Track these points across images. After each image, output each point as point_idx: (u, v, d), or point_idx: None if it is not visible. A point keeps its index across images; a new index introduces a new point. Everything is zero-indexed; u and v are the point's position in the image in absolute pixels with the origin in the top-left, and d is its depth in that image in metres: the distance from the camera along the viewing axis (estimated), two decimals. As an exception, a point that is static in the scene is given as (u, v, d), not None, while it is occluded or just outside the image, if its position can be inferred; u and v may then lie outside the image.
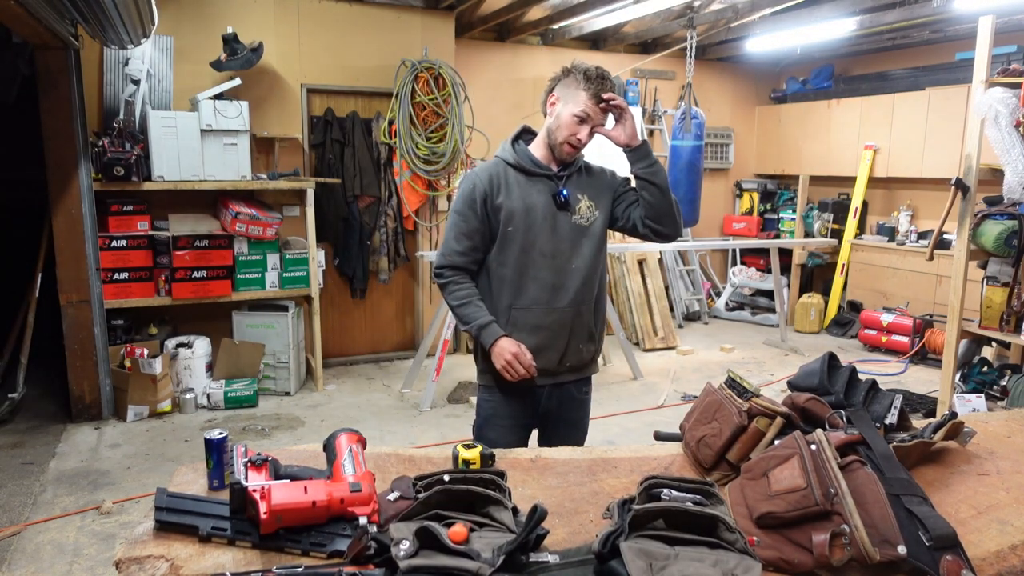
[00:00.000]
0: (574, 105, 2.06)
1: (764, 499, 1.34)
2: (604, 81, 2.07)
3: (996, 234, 3.85)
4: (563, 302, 2.10)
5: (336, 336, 5.83)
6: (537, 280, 2.09)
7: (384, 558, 1.20)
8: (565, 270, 2.10)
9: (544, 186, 2.11)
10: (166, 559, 1.24)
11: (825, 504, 1.26)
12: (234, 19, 4.95)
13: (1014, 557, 1.32)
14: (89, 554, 2.99)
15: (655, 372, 5.74)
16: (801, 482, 1.31)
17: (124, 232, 4.55)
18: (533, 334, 2.10)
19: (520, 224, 2.08)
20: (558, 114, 2.09)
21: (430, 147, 5.55)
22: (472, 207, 2.10)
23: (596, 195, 2.16)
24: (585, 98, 2.05)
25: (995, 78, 3.75)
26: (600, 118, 2.08)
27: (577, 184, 2.15)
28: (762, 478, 1.39)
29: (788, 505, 1.30)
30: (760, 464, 1.43)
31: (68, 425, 4.42)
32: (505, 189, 2.09)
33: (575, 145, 2.08)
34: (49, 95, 4.18)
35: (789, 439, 1.44)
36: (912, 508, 1.32)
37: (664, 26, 6.50)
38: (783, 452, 1.41)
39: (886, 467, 1.42)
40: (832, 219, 7.24)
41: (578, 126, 2.06)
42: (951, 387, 4.10)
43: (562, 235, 2.10)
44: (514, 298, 2.11)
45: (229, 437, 1.52)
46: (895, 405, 1.74)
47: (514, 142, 2.18)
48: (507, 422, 2.21)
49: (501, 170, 2.13)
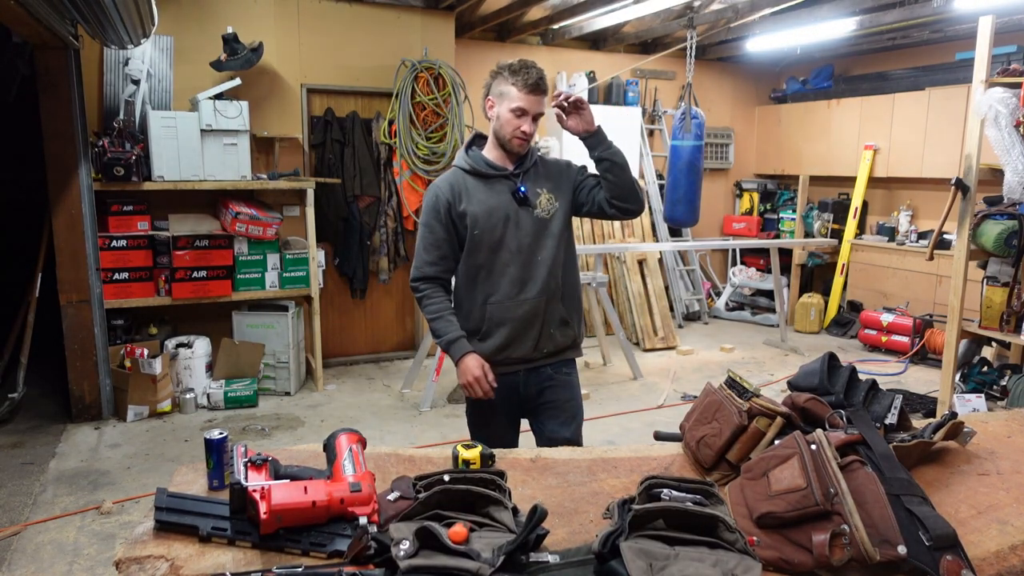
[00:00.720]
0: (509, 101, 2.12)
1: (764, 499, 1.34)
2: (529, 70, 2.12)
3: (996, 234, 3.85)
4: (532, 293, 2.19)
5: (336, 336, 5.83)
6: (506, 275, 2.19)
7: (384, 558, 1.20)
8: (531, 262, 2.19)
9: (503, 186, 2.19)
10: (166, 559, 1.24)
11: (825, 504, 1.26)
12: (234, 19, 4.95)
13: (1014, 557, 1.32)
14: (89, 554, 2.99)
15: (655, 372, 5.74)
16: (801, 482, 1.31)
17: (124, 232, 4.55)
18: (507, 325, 2.20)
19: (485, 226, 2.16)
20: (498, 114, 2.16)
21: (430, 147, 5.56)
22: (437, 218, 2.20)
23: (555, 187, 2.24)
24: (516, 92, 2.11)
25: (995, 78, 3.75)
26: (537, 106, 2.14)
27: (535, 179, 2.22)
28: (762, 478, 1.39)
29: (788, 505, 1.30)
30: (760, 464, 1.43)
31: (68, 425, 4.42)
32: (466, 195, 2.18)
33: (523, 137, 2.15)
34: (49, 95, 4.18)
35: (789, 439, 1.44)
36: (912, 508, 1.32)
37: (664, 26, 6.50)
38: (783, 452, 1.41)
39: (886, 467, 1.42)
40: (832, 219, 7.24)
41: (519, 119, 2.13)
42: (951, 387, 4.10)
43: (525, 230, 2.18)
44: (487, 294, 2.21)
45: (229, 437, 1.52)
46: (895, 405, 1.74)
47: (467, 149, 2.26)
48: (492, 413, 2.28)
49: (460, 178, 2.21)
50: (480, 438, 2.26)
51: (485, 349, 2.22)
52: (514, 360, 2.24)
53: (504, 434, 2.30)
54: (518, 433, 2.36)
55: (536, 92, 2.12)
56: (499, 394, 2.23)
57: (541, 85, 2.13)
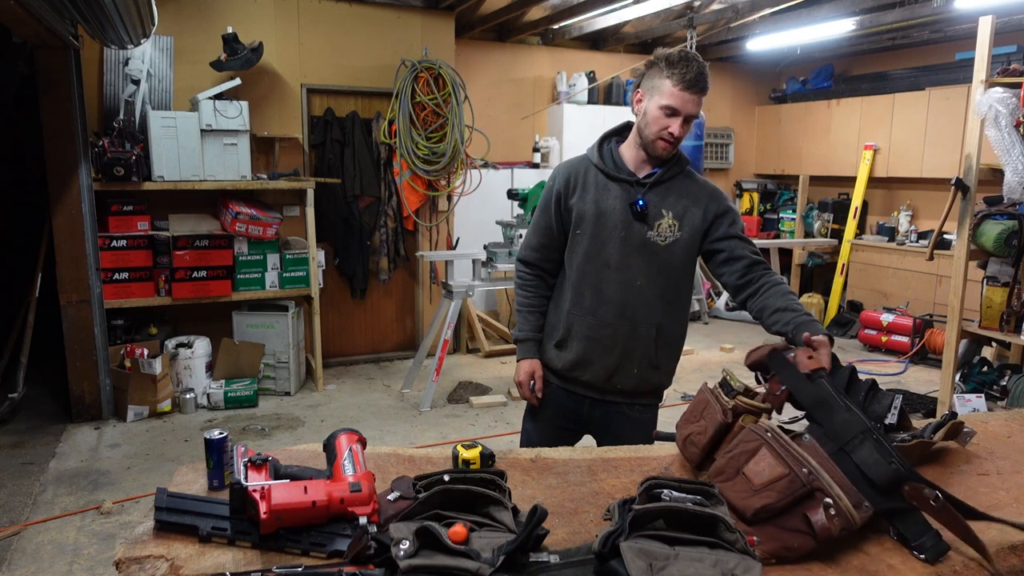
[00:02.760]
0: (660, 97, 1.87)
1: (751, 495, 1.34)
2: (689, 63, 1.85)
3: (996, 234, 3.85)
4: (620, 318, 1.97)
5: (336, 336, 5.83)
6: (597, 290, 1.98)
7: (384, 558, 1.20)
8: (629, 286, 1.96)
9: (623, 191, 1.95)
10: (166, 559, 1.24)
11: (810, 483, 1.29)
12: (234, 19, 4.95)
13: (1014, 557, 1.32)
14: (89, 554, 2.99)
15: (655, 372, 5.73)
16: (782, 470, 1.33)
17: (124, 232, 4.55)
18: (583, 343, 2.01)
19: (588, 229, 1.96)
20: (645, 110, 1.92)
21: (430, 147, 5.55)
22: (547, 205, 2.05)
23: (684, 213, 1.95)
24: (669, 87, 1.85)
25: (995, 78, 3.75)
26: (692, 107, 1.87)
27: (664, 196, 1.95)
28: (737, 476, 1.39)
29: (779, 495, 1.31)
30: (731, 464, 1.42)
31: (68, 425, 4.42)
32: (581, 190, 1.98)
33: (669, 140, 1.90)
34: (49, 95, 4.18)
35: (747, 433, 1.44)
36: (854, 458, 1.35)
37: (664, 26, 6.50)
38: (749, 447, 1.41)
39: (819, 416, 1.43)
40: (832, 219, 7.24)
41: (668, 119, 1.88)
42: (951, 387, 4.10)
43: (632, 248, 1.94)
44: (572, 303, 2.02)
45: (229, 437, 1.52)
46: (895, 405, 1.74)
47: (605, 140, 2.04)
48: (548, 417, 2.14)
49: (582, 169, 2.01)
50: (529, 443, 2.11)
51: (558, 361, 2.06)
52: (583, 383, 2.04)
53: (551, 443, 2.00)
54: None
55: (694, 90, 1.86)
56: (555, 408, 2.09)
57: (701, 82, 1.86)
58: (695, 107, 1.89)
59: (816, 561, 1.28)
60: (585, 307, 2.00)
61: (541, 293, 2.11)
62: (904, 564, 1.27)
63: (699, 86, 1.87)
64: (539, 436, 2.14)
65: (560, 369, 2.07)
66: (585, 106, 6.82)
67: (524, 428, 2.24)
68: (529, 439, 2.18)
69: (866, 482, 1.32)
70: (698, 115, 1.93)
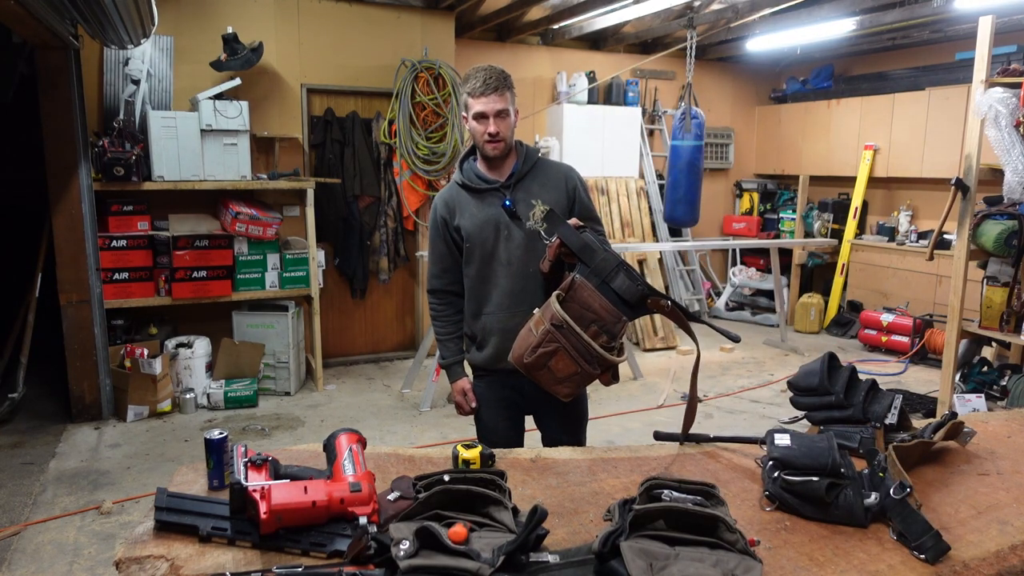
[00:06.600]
0: (469, 110, 2.14)
1: (556, 384, 1.80)
2: (477, 74, 2.12)
3: (996, 234, 3.85)
4: (524, 306, 2.12)
5: (336, 336, 5.83)
6: (498, 287, 2.19)
7: (384, 558, 1.20)
8: (523, 275, 2.17)
9: (493, 198, 2.18)
10: (166, 559, 1.24)
11: (593, 367, 1.76)
12: (234, 19, 4.95)
13: (1014, 557, 1.32)
14: (89, 554, 2.99)
15: (655, 372, 5.74)
16: (575, 368, 1.76)
17: (124, 232, 4.55)
18: (498, 336, 2.20)
19: (476, 239, 2.18)
20: (469, 127, 2.18)
21: (430, 147, 5.56)
22: (438, 233, 2.26)
23: (550, 198, 2.18)
24: (471, 100, 2.12)
25: (995, 78, 3.75)
26: (494, 105, 2.10)
27: (527, 190, 2.18)
28: (544, 369, 1.79)
29: (577, 386, 1.83)
30: (538, 361, 1.79)
31: (68, 425, 4.41)
32: (460, 210, 2.20)
33: (492, 139, 2.13)
34: (49, 95, 4.18)
35: (546, 334, 1.77)
36: (613, 286, 1.76)
37: (664, 26, 6.50)
38: (549, 348, 1.77)
39: (585, 256, 1.81)
40: (832, 219, 7.24)
41: (481, 124, 2.12)
42: (951, 387, 4.10)
43: (516, 243, 2.16)
44: (480, 305, 2.23)
45: (229, 437, 1.52)
46: (895, 405, 1.74)
47: (463, 162, 2.27)
48: (497, 405, 2.30)
49: (455, 193, 2.24)
50: (483, 436, 2.30)
51: (480, 359, 2.26)
52: (508, 372, 2.18)
53: (507, 432, 2.30)
54: (522, 432, 2.35)
55: (488, 92, 2.09)
56: (502, 393, 2.25)
57: (491, 83, 2.10)
58: (498, 103, 2.11)
59: (816, 560, 1.28)
60: (492, 305, 2.21)
61: (454, 319, 2.33)
62: (904, 564, 1.28)
63: (491, 86, 2.10)
64: (492, 428, 2.32)
65: (484, 364, 2.26)
66: (585, 106, 6.82)
67: (477, 429, 2.39)
68: (485, 434, 2.33)
69: (623, 302, 1.76)
70: (507, 110, 2.13)
